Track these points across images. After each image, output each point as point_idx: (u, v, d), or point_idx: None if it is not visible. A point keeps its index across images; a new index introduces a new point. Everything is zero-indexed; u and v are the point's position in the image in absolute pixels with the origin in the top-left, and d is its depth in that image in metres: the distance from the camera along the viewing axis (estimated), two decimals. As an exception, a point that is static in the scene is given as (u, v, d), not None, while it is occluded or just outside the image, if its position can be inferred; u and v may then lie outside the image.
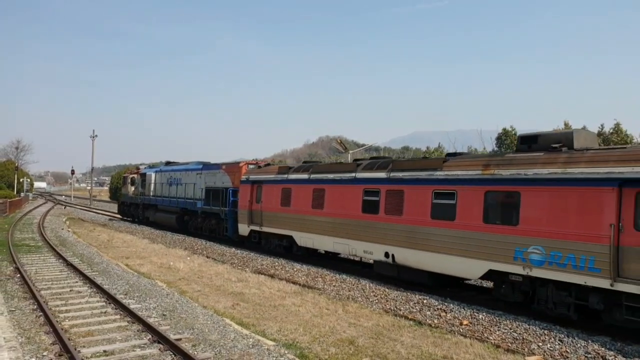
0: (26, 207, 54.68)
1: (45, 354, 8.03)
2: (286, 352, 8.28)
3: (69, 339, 8.47)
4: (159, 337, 8.65)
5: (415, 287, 13.52)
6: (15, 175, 67.76)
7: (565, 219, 10.15)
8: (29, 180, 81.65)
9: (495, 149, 33.07)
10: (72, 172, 79.01)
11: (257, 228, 20.74)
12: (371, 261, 15.56)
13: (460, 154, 14.31)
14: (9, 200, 45.15)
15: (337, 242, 16.33)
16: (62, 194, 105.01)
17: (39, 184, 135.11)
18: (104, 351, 8.11)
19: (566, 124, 30.45)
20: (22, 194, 66.74)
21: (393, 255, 14.11)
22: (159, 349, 8.25)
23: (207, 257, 19.55)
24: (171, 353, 8.07)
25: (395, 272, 14.22)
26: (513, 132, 33.10)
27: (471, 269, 11.97)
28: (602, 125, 28.99)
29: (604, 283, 9.42)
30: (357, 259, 18.46)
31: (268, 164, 23.43)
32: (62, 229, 30.60)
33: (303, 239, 18.04)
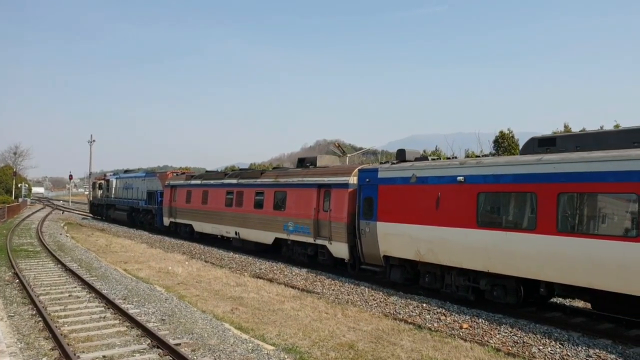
0: (24, 213, 54.53)
1: (44, 359, 8.00)
2: (286, 356, 8.26)
3: (68, 344, 8.44)
4: (159, 342, 8.62)
5: (412, 289, 13.55)
6: (14, 181, 67.66)
7: (302, 206, 17.48)
8: (27, 185, 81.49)
9: (493, 151, 33.00)
10: (70, 177, 78.98)
11: (173, 220, 28.18)
12: (230, 238, 22.41)
13: (281, 168, 23.89)
14: (7, 205, 45.04)
15: (214, 227, 23.59)
16: (60, 199, 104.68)
17: (37, 189, 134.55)
18: (103, 356, 8.09)
19: (566, 126, 30.58)
20: (20, 199, 66.61)
21: (239, 233, 21.39)
22: (159, 354, 8.23)
23: (206, 261, 19.52)
24: (171, 358, 8.05)
25: (241, 244, 21.51)
26: (511, 135, 33.04)
27: (268, 237, 19.32)
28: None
29: (312, 240, 17.02)
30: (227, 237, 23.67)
31: (183, 173, 30.93)
32: (61, 234, 30.50)
33: (197, 226, 25.41)
